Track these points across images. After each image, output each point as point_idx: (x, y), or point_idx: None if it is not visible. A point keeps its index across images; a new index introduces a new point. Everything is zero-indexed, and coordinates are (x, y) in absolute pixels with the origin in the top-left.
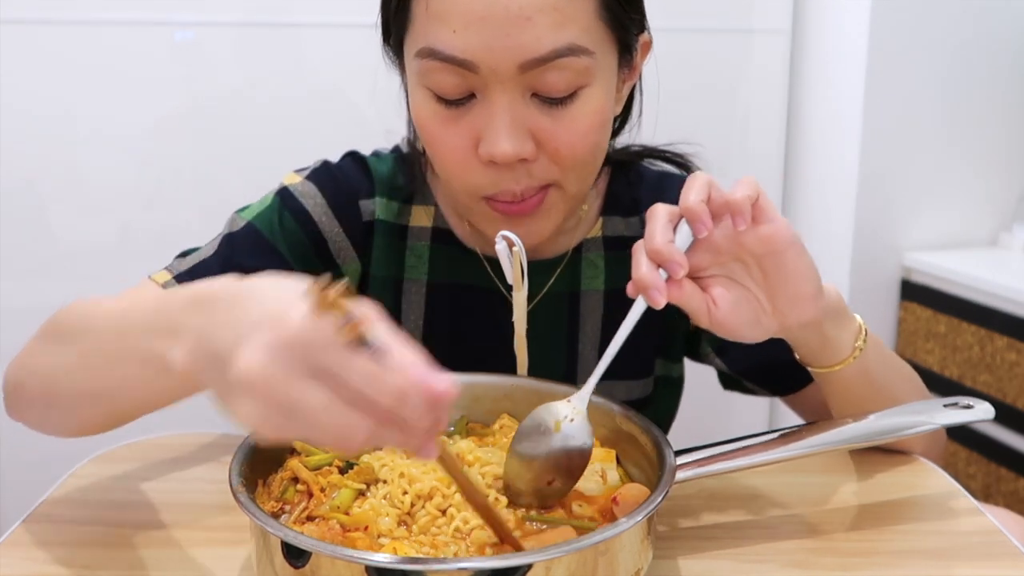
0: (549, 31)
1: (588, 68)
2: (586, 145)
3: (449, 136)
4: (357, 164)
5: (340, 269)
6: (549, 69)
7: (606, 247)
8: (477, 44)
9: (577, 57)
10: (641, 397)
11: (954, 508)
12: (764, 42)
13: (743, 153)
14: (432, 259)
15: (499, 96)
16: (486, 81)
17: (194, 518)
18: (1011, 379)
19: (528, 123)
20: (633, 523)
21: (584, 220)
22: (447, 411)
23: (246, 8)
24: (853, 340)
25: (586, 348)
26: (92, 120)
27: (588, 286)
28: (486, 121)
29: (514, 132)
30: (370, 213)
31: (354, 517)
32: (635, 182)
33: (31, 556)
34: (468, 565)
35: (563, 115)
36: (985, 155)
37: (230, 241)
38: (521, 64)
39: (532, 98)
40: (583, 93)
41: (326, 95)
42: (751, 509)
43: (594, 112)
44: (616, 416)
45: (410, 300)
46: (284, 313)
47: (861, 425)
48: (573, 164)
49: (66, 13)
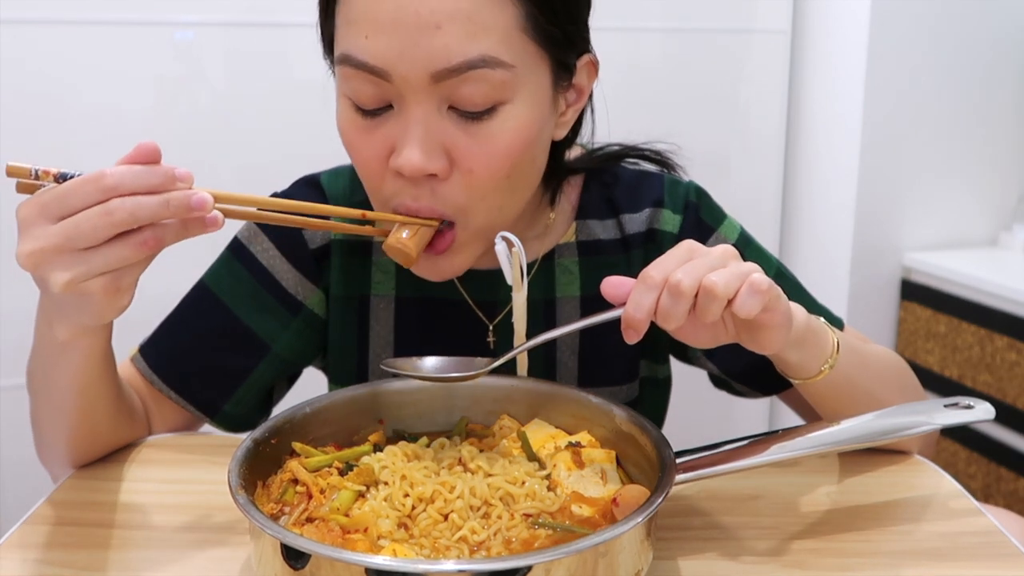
0: (460, 41)
1: (506, 82)
2: (502, 166)
3: (365, 145)
4: (307, 187)
5: (304, 305)
6: (463, 81)
7: (580, 252)
8: (387, 50)
9: (492, 69)
10: (628, 401)
11: (954, 508)
12: (764, 42)
13: (743, 153)
14: (399, 274)
15: (414, 107)
16: (400, 91)
17: (194, 519)
18: (1011, 379)
19: (442, 138)
20: (633, 524)
21: (553, 226)
22: (166, 167)
23: (246, 8)
24: (820, 363)
25: (564, 355)
26: (91, 120)
27: (563, 292)
28: (400, 132)
29: (426, 145)
30: (321, 237)
31: (354, 519)
32: (611, 183)
33: (31, 556)
34: (468, 567)
35: (480, 131)
36: (985, 155)
37: (183, 304)
38: (432, 74)
39: (449, 111)
40: (503, 110)
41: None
42: (751, 509)
43: (514, 130)
44: (616, 417)
45: (378, 316)
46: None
47: (861, 425)
48: (486, 186)
49: (66, 13)
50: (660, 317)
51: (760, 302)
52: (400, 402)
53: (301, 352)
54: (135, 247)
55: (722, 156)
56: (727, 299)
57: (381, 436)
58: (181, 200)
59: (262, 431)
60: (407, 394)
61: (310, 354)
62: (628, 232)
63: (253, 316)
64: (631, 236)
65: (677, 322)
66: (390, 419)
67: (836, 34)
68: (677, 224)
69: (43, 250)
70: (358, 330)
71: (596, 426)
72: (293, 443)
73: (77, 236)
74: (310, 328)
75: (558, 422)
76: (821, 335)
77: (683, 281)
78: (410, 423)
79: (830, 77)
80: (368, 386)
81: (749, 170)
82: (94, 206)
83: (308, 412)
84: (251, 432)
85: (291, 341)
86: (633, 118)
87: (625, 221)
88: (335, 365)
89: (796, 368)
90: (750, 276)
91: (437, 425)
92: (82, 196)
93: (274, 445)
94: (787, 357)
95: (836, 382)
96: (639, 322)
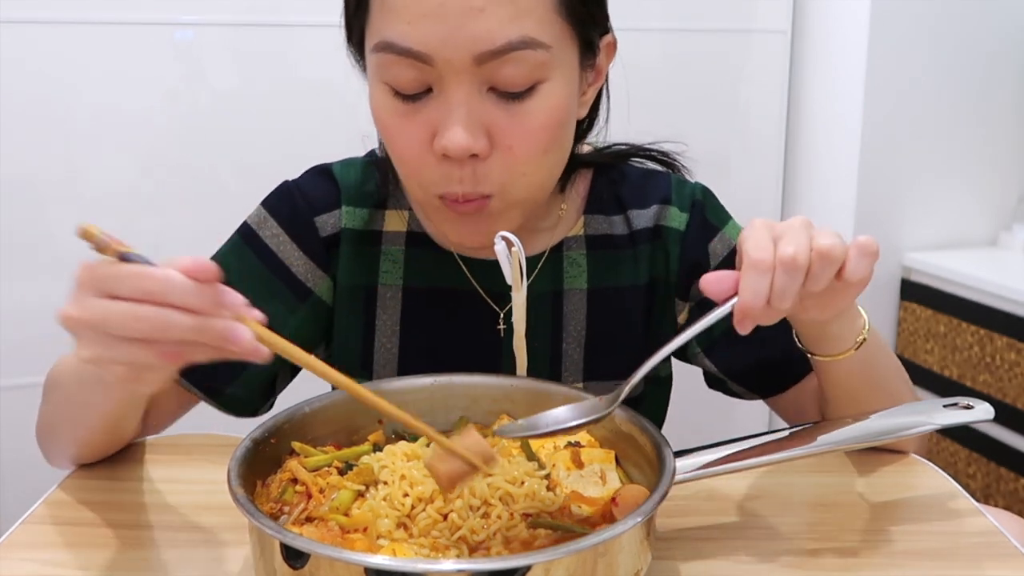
0: (503, 23)
1: (545, 62)
2: (541, 142)
3: (406, 130)
4: (319, 177)
5: (313, 292)
6: (505, 62)
7: (588, 246)
8: (431, 36)
9: (533, 50)
10: (631, 398)
11: (954, 508)
12: (764, 42)
13: (743, 153)
14: (408, 263)
15: (455, 89)
16: (442, 74)
17: (194, 518)
18: (1011, 379)
19: (484, 118)
20: (633, 524)
21: (563, 219)
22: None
23: (245, 8)
24: (856, 335)
25: (570, 347)
26: (92, 120)
27: (571, 285)
28: (442, 115)
29: (469, 125)
30: (332, 225)
31: (353, 518)
32: (618, 180)
33: (31, 556)
34: (467, 566)
35: (520, 110)
36: (985, 155)
37: None
38: (476, 56)
39: (489, 92)
40: (541, 88)
41: (326, 95)
42: (751, 509)
43: (552, 108)
44: (615, 417)
45: (385, 305)
46: None
47: (861, 425)
48: (526, 163)
49: (66, 13)
50: (776, 298)
51: (871, 263)
52: (400, 402)
53: (307, 339)
54: (157, 355)
55: (722, 156)
56: (841, 261)
57: (381, 436)
58: (217, 331)
59: (261, 431)
60: (407, 394)
61: (316, 341)
62: (636, 227)
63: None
64: (638, 231)
65: (792, 299)
66: (390, 419)
67: (836, 34)
68: (684, 222)
69: (79, 319)
70: (364, 319)
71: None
72: (293, 443)
73: (107, 324)
74: (317, 315)
75: None
76: (856, 305)
77: (798, 254)
78: None
79: (830, 77)
80: (368, 386)
81: (749, 170)
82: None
83: (308, 412)
84: (250, 432)
85: (297, 327)
86: (633, 118)
87: (633, 217)
88: (339, 354)
89: (834, 340)
90: (856, 239)
91: (437, 425)
92: (127, 287)
93: (273, 445)
94: (831, 327)
95: (863, 361)
96: (758, 309)
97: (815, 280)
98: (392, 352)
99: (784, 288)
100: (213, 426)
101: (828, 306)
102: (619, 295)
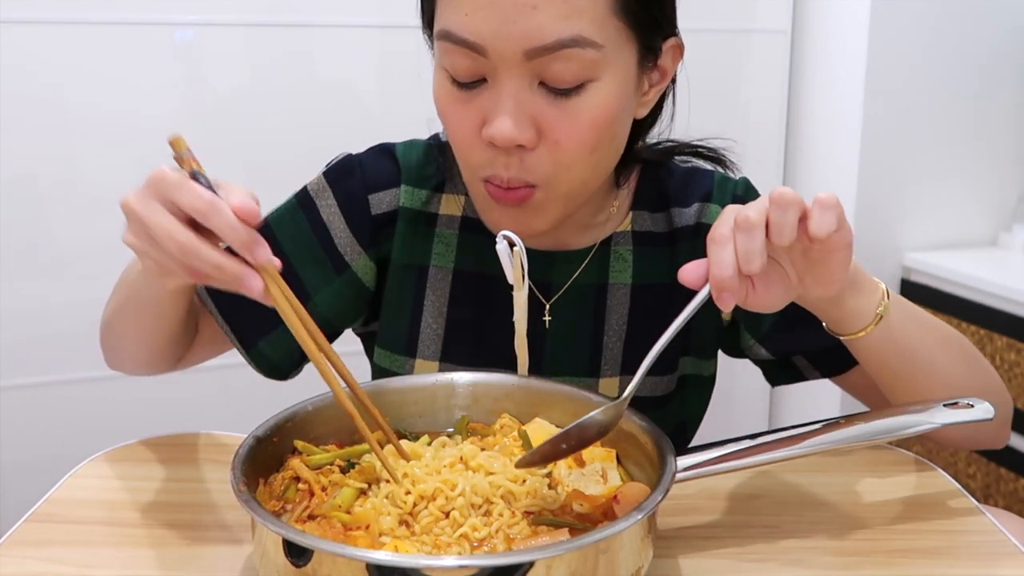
0: (555, 21)
1: (596, 61)
2: (587, 139)
3: (459, 115)
4: (382, 156)
5: (349, 266)
6: (555, 59)
7: (635, 242)
8: (485, 28)
9: (583, 49)
10: (664, 394)
11: (954, 508)
12: (764, 42)
13: (743, 153)
14: (460, 247)
15: (506, 81)
16: (495, 65)
17: (195, 517)
18: (1011, 379)
19: (532, 111)
20: (634, 522)
21: (615, 215)
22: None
23: (245, 8)
24: (874, 307)
25: (611, 340)
26: (92, 120)
27: (616, 279)
28: (493, 104)
29: (517, 116)
30: (388, 204)
31: (355, 516)
32: (664, 178)
33: (31, 556)
34: (469, 563)
35: (568, 106)
36: (985, 155)
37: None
38: (526, 51)
39: (539, 87)
40: (591, 87)
41: (325, 95)
42: (751, 509)
43: (600, 107)
44: None
45: (435, 286)
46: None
47: (861, 425)
48: (572, 158)
49: (66, 13)
50: (742, 262)
51: (835, 216)
52: (401, 401)
53: (339, 311)
54: (180, 267)
55: None
56: (799, 207)
57: (382, 435)
58: (233, 274)
59: (264, 429)
60: (408, 393)
61: (348, 316)
62: (676, 225)
63: (302, 265)
64: (679, 230)
65: (759, 259)
66: (391, 418)
67: (836, 34)
68: None
69: (133, 211)
70: (414, 298)
71: None
72: (295, 441)
73: (149, 226)
74: (351, 290)
75: (559, 421)
76: (869, 277)
77: (751, 214)
78: (411, 422)
79: (830, 77)
80: (369, 385)
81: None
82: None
83: (310, 410)
84: (253, 430)
85: (329, 298)
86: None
87: (675, 215)
88: (385, 330)
89: (853, 316)
90: (815, 195)
91: (438, 424)
92: (183, 199)
93: (276, 443)
94: (845, 302)
95: (893, 337)
96: (727, 279)
97: (778, 230)
98: (437, 333)
99: (747, 249)
100: (213, 426)
101: (823, 277)
102: (661, 292)
